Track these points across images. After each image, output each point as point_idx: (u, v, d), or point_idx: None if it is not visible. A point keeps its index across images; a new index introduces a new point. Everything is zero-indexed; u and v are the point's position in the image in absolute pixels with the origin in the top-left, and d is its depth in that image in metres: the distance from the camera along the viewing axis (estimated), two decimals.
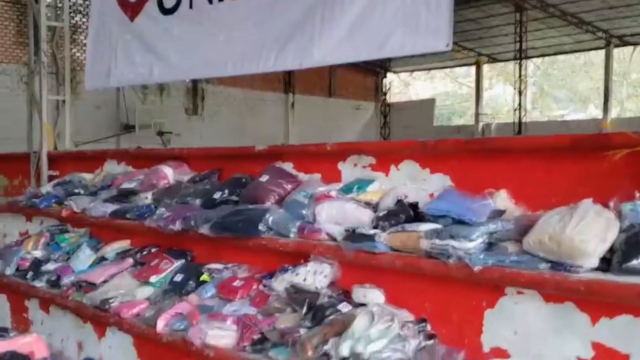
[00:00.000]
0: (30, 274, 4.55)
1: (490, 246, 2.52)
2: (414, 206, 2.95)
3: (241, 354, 2.86)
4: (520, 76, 21.69)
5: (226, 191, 3.86)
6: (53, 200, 5.09)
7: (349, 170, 3.50)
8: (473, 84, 25.83)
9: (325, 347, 2.57)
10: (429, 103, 26.27)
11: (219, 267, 3.60)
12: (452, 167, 3.05)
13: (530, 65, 24.36)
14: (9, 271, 4.71)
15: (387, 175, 3.31)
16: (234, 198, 3.82)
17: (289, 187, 3.62)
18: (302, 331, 2.72)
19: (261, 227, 3.31)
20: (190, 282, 3.58)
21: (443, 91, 33.03)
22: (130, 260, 4.09)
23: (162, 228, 3.76)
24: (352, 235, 2.92)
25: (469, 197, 2.78)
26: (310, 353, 2.57)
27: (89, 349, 4.02)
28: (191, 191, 4.06)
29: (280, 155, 3.87)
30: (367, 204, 3.16)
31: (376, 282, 2.90)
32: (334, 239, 3.06)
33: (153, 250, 4.10)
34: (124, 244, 4.38)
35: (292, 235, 3.24)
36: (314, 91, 23.43)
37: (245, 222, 3.38)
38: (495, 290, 2.50)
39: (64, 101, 6.40)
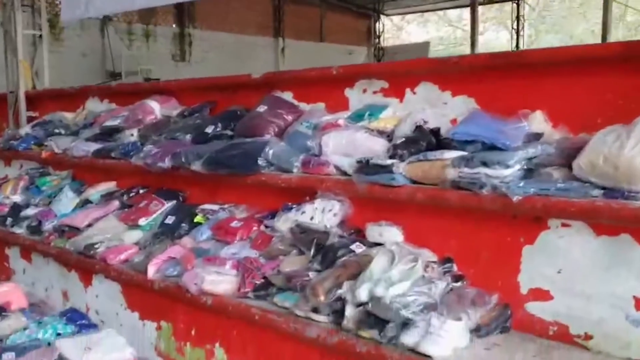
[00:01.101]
0: (9, 220, 4.27)
1: (529, 173, 2.19)
2: (436, 132, 2.59)
3: (243, 301, 2.57)
4: (517, 16, 21.10)
5: (219, 125, 3.50)
6: (32, 142, 4.79)
7: (357, 97, 3.12)
8: (467, 28, 25.16)
9: (340, 291, 2.27)
10: (424, 46, 25.55)
11: (214, 208, 3.31)
12: (477, 88, 2.66)
13: (525, 7, 23.65)
14: None
15: (401, 101, 2.94)
16: (229, 132, 3.46)
17: (289, 117, 3.26)
18: (311, 274, 2.44)
19: (260, 161, 2.98)
20: (183, 225, 3.29)
21: (436, 36, 32.26)
22: (116, 203, 3.78)
23: (150, 166, 3.43)
24: (366, 166, 2.58)
25: (500, 120, 2.42)
26: (322, 298, 2.27)
27: (74, 298, 3.71)
28: (180, 126, 3.70)
29: (278, 84, 3.49)
30: (381, 133, 2.80)
31: (393, 219, 2.59)
32: (344, 173, 2.75)
33: (141, 191, 3.80)
34: (109, 185, 4.08)
35: (295, 169, 2.91)
36: (305, 36, 22.73)
37: (243, 157, 3.04)
38: (535, 223, 2.19)
39: (40, 36, 5.93)
